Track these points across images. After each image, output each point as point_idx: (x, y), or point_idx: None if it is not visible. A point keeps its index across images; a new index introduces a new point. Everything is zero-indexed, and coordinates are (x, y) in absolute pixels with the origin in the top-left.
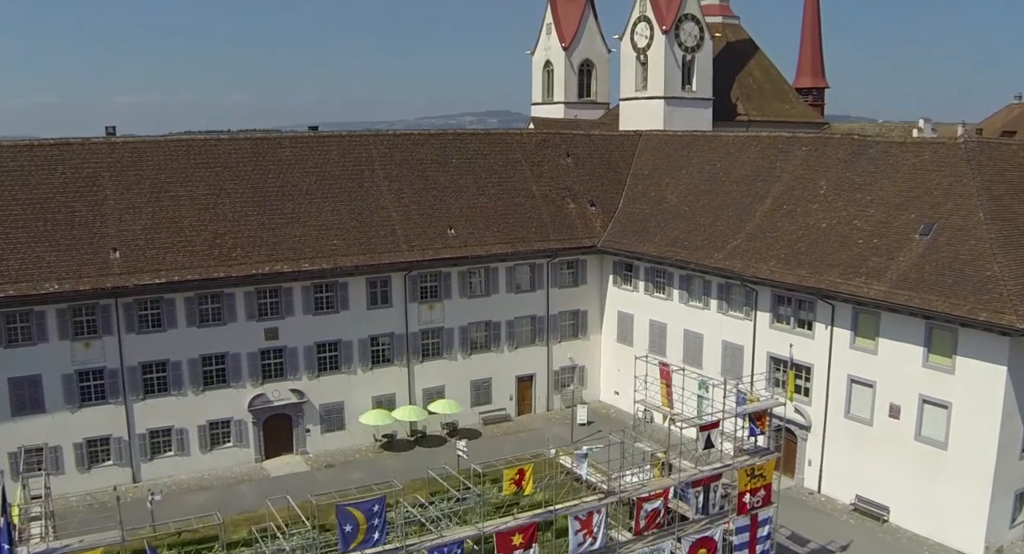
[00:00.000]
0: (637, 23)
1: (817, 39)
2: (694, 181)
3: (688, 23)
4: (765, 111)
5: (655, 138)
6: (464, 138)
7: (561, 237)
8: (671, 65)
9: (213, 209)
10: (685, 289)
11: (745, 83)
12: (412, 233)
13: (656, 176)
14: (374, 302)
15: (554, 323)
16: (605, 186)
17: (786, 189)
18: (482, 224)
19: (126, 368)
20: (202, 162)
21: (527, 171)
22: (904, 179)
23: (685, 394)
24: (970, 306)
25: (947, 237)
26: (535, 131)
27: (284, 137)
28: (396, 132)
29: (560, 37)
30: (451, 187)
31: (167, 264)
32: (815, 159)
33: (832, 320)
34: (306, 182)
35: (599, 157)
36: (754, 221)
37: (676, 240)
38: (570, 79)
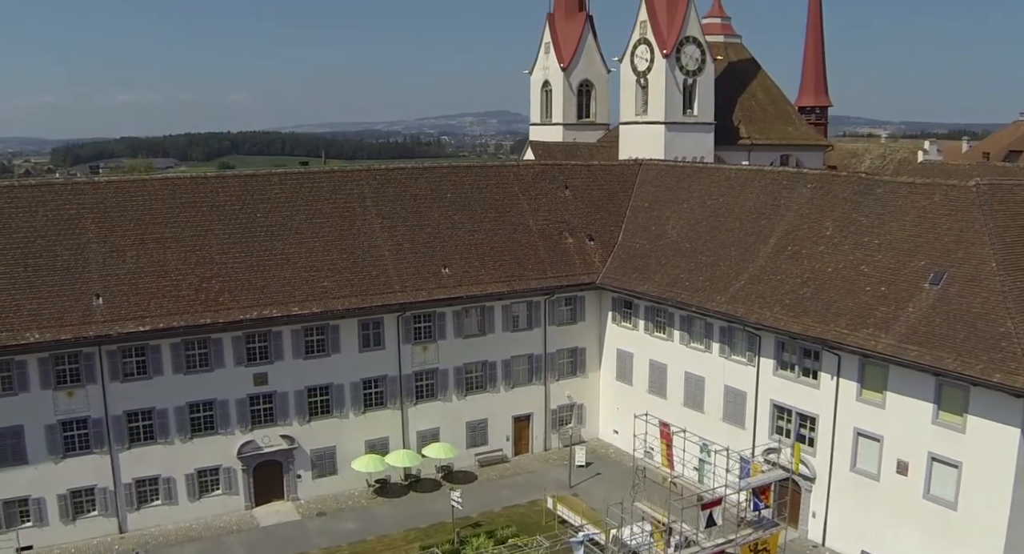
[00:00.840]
0: (637, 46)
1: (820, 58)
2: (695, 216)
3: (689, 46)
4: (768, 134)
5: (655, 168)
6: (459, 172)
7: (559, 274)
8: (672, 89)
9: (200, 251)
10: (686, 330)
11: (747, 105)
12: (405, 273)
13: (656, 209)
14: (366, 344)
15: (552, 361)
16: (604, 219)
17: (791, 229)
18: (477, 262)
19: (111, 417)
20: (189, 202)
21: (524, 205)
22: (913, 223)
23: (686, 456)
24: (983, 365)
25: (958, 288)
26: (532, 163)
27: (274, 174)
28: (389, 167)
29: (559, 57)
30: (446, 223)
31: (152, 310)
32: (821, 198)
33: (838, 371)
34: (296, 221)
35: (598, 188)
36: (757, 262)
37: (677, 280)
38: (569, 100)
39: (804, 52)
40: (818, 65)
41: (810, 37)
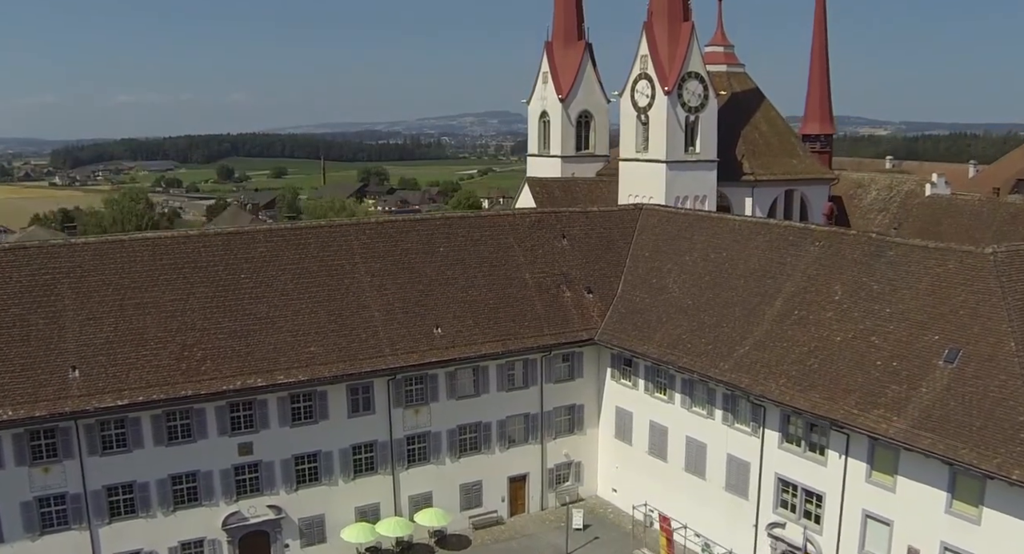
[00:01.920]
0: (638, 81)
1: (825, 86)
2: (698, 270)
3: (692, 82)
4: (772, 168)
5: (656, 214)
6: (453, 223)
7: (556, 330)
8: (673, 127)
9: (181, 317)
10: (688, 394)
11: (751, 138)
12: (396, 334)
13: (657, 259)
14: (355, 409)
15: (549, 419)
16: (603, 269)
17: (797, 291)
18: (471, 321)
19: (89, 492)
20: (169, 263)
21: (520, 257)
22: (926, 291)
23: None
24: (1000, 458)
25: (974, 368)
26: (529, 211)
27: (259, 231)
28: (379, 221)
29: (557, 88)
30: (438, 280)
31: (131, 382)
32: (829, 258)
33: (847, 449)
34: (281, 281)
35: (597, 236)
36: (763, 326)
37: (679, 341)
38: (567, 131)
39: (808, 80)
40: (823, 93)
41: (815, 65)
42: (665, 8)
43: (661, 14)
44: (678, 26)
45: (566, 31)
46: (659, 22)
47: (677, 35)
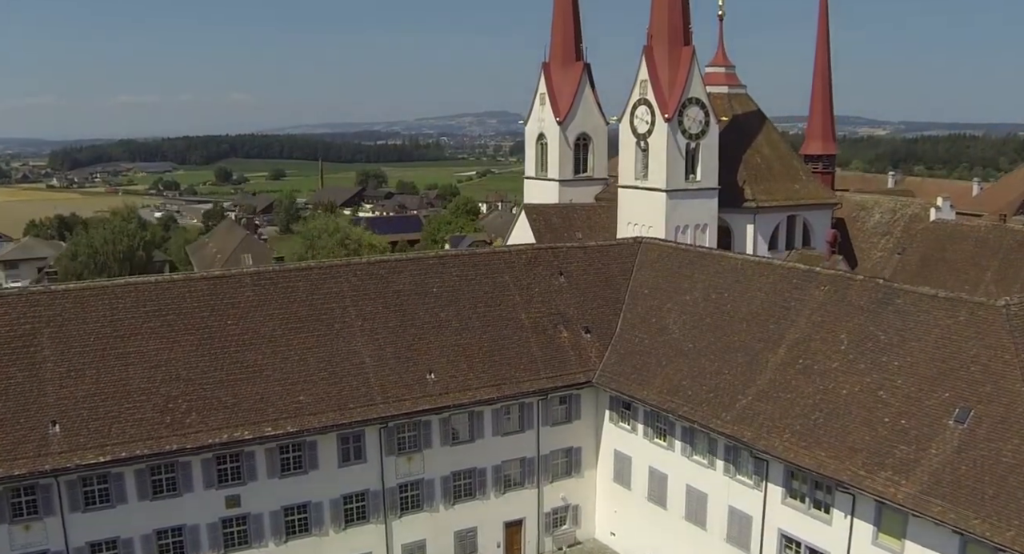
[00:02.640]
0: (637, 106)
1: (827, 106)
2: (699, 311)
3: (692, 108)
4: (774, 194)
5: (655, 249)
6: (446, 262)
7: (553, 373)
8: (673, 154)
9: (165, 367)
10: (688, 442)
11: (753, 162)
12: (387, 381)
13: (657, 297)
14: (346, 458)
15: (545, 463)
16: (601, 307)
17: (802, 338)
18: (465, 365)
19: (72, 549)
20: (153, 310)
21: (516, 296)
22: (936, 344)
23: None
24: (1015, 531)
25: (987, 429)
26: (525, 248)
27: (245, 274)
28: (370, 261)
29: (554, 110)
30: (431, 322)
31: (113, 437)
32: (834, 303)
33: (852, 510)
34: (269, 327)
35: (594, 272)
36: (766, 374)
37: (679, 387)
38: (565, 154)
39: (811, 100)
40: (825, 113)
41: (816, 86)
42: (665, 32)
43: (661, 38)
44: (678, 50)
45: (564, 52)
46: (659, 46)
47: (677, 60)
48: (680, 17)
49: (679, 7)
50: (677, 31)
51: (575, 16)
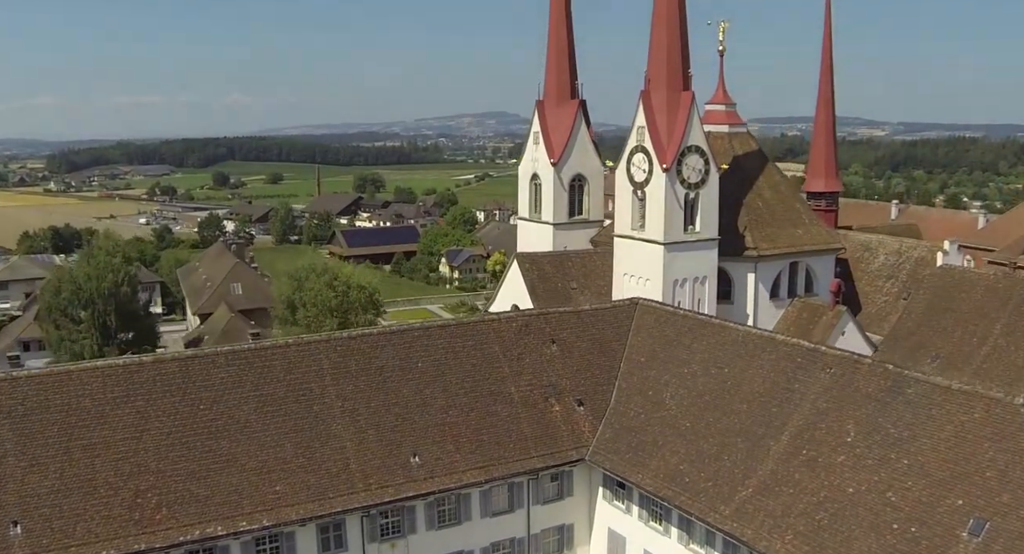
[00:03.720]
0: (634, 153)
1: (831, 142)
2: (698, 386)
3: (692, 156)
4: (776, 240)
5: (652, 312)
6: (432, 333)
7: (544, 451)
8: (672, 205)
9: (134, 458)
10: (685, 531)
11: (754, 206)
12: (369, 466)
13: (654, 367)
14: (326, 548)
15: (536, 542)
16: (595, 376)
17: (806, 425)
18: (452, 446)
19: None
20: (121, 395)
21: (505, 368)
22: (949, 443)
23: None
24: None
25: (1002, 545)
26: (515, 315)
27: (219, 354)
28: (351, 335)
29: (549, 151)
30: (416, 400)
31: (79, 537)
32: (841, 389)
33: None
34: (244, 411)
35: (588, 338)
36: (768, 464)
37: (676, 472)
38: (560, 197)
39: (813, 137)
40: (828, 149)
41: (820, 122)
42: (664, 77)
43: (659, 83)
44: (677, 96)
45: (559, 89)
46: (657, 91)
47: (676, 106)
48: (679, 61)
49: (678, 51)
50: (676, 75)
51: (570, 53)
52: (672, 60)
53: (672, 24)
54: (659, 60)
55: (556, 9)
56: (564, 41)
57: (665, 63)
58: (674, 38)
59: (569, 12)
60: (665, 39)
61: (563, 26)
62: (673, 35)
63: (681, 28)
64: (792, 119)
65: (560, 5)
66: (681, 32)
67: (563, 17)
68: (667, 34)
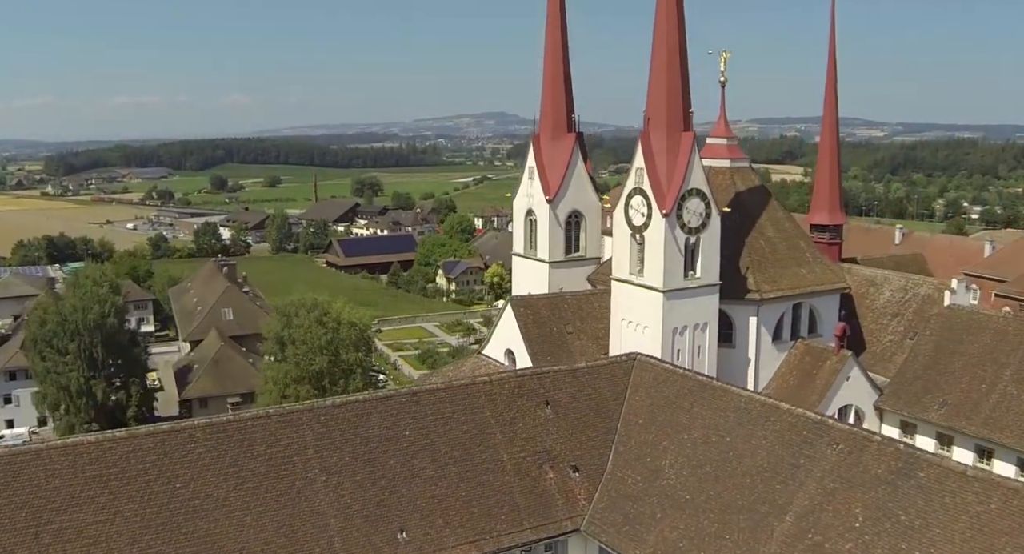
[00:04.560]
0: (632, 196)
1: (836, 174)
2: (698, 456)
3: (692, 200)
4: (779, 282)
5: (651, 370)
6: (420, 399)
7: (538, 522)
8: (672, 251)
9: (106, 543)
10: None
11: (756, 246)
12: (354, 544)
13: (652, 431)
14: None
15: None
16: (591, 439)
17: (812, 506)
18: (441, 520)
19: None
20: (93, 475)
21: (497, 434)
22: (963, 535)
23: None
24: None
25: None
26: (507, 376)
27: (197, 427)
28: (335, 403)
29: (544, 188)
30: (403, 472)
31: None
32: (849, 468)
33: None
34: (223, 489)
35: (584, 398)
36: (771, 547)
37: (676, 550)
38: (555, 234)
39: (817, 168)
40: (833, 181)
41: (825, 154)
42: (663, 117)
43: (659, 123)
44: (677, 136)
45: (554, 123)
46: (656, 132)
47: (676, 147)
48: (679, 100)
49: (678, 90)
50: (676, 115)
51: (567, 86)
52: (672, 100)
53: (672, 62)
54: (658, 100)
55: (552, 41)
56: (560, 74)
57: (664, 103)
58: (674, 77)
59: (565, 44)
60: (665, 78)
61: (559, 59)
62: (673, 74)
63: (681, 66)
64: (790, 120)
65: (556, 38)
66: (682, 70)
67: (559, 50)
68: (667, 72)
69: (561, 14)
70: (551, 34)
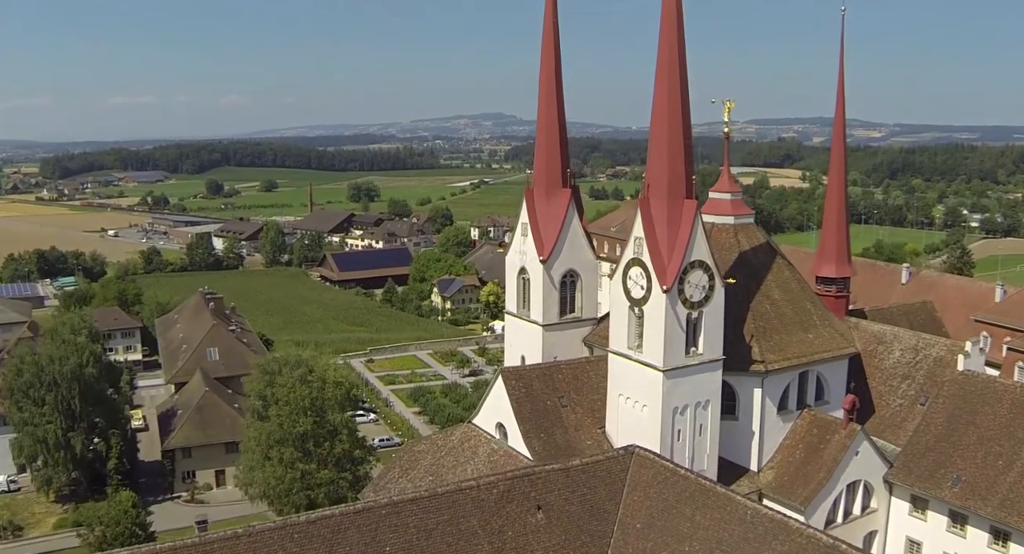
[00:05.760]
0: (631, 266)
1: (844, 226)
2: None
3: (695, 273)
4: (785, 350)
5: (650, 467)
6: (401, 509)
7: None
8: (672, 328)
9: None
10: None
11: (761, 310)
12: None
13: (651, 538)
14: None
15: None
16: (586, 545)
17: None
18: None
19: None
20: None
21: (484, 545)
22: None
23: None
24: None
25: None
26: (496, 480)
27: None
28: (310, 519)
29: (538, 247)
30: None
31: None
32: None
33: None
34: None
35: (578, 500)
36: None
37: None
38: (549, 294)
39: (824, 219)
40: (841, 233)
41: (833, 205)
42: (664, 184)
43: (659, 190)
44: (679, 204)
45: (549, 178)
46: (657, 200)
47: (678, 217)
48: (682, 166)
49: (680, 156)
50: (678, 182)
51: (562, 141)
52: (674, 167)
53: (674, 126)
54: (659, 166)
55: (546, 93)
56: (555, 128)
57: (666, 170)
58: (676, 142)
59: (560, 97)
60: (666, 145)
61: (553, 110)
62: (675, 138)
63: (684, 129)
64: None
65: (550, 90)
66: (684, 134)
67: (554, 101)
68: (668, 139)
69: (556, 65)
70: (545, 86)
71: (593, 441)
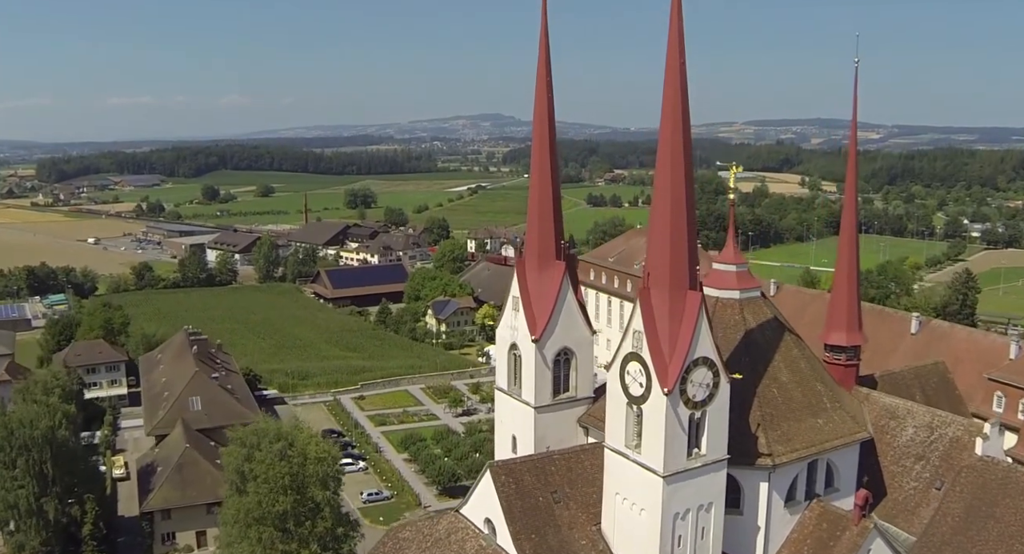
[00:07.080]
0: (629, 361)
1: (855, 294)
2: None
3: (699, 370)
4: (793, 440)
5: None
6: None
7: None
8: (673, 430)
9: None
10: None
11: (768, 395)
12: None
13: None
14: None
15: None
16: None
17: None
18: None
19: None
20: None
21: None
22: None
23: None
24: None
25: None
26: None
27: None
28: None
29: (530, 325)
30: None
31: None
32: None
33: None
34: None
35: None
36: None
37: None
38: (542, 374)
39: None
40: (851, 301)
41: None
42: (667, 275)
43: (661, 282)
44: (682, 296)
45: (541, 250)
46: (658, 291)
47: (681, 310)
48: (685, 255)
49: (684, 246)
50: (681, 272)
51: (556, 213)
52: (677, 257)
53: (677, 214)
54: (660, 255)
55: (539, 161)
56: (548, 199)
57: (668, 261)
58: (679, 230)
59: (555, 165)
60: (668, 234)
61: (547, 180)
62: (679, 226)
63: (688, 216)
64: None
65: (544, 158)
66: (688, 220)
67: (547, 170)
68: (671, 229)
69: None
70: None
71: (588, 540)
